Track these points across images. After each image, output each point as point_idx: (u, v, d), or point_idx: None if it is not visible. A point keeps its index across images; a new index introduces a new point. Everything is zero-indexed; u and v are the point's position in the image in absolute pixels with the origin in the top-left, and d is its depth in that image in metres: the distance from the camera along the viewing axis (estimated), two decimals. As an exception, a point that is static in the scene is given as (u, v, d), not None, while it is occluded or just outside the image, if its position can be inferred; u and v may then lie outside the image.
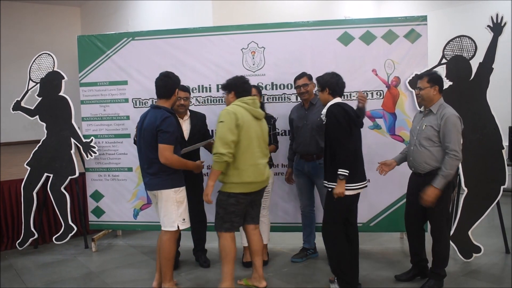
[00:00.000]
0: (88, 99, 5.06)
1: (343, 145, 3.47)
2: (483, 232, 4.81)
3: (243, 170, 3.50)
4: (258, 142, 3.60)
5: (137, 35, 4.92)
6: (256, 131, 3.58)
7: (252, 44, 4.70)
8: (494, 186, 4.31)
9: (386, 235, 5.08)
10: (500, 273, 4.15)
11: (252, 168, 3.53)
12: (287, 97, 4.68)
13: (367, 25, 4.58)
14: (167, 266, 3.66)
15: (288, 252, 4.70)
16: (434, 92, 3.60)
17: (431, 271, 3.78)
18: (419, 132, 3.64)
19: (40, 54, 5.14)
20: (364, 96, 3.87)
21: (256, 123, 3.61)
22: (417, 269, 3.92)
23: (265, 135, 3.71)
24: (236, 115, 3.46)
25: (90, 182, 5.16)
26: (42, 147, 5.05)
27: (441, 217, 3.65)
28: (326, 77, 3.66)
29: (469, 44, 4.38)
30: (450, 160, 3.46)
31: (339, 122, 3.48)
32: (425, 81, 3.62)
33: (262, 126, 3.69)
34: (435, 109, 3.60)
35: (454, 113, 3.53)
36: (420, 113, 3.80)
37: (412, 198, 3.77)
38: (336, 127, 3.49)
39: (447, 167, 3.47)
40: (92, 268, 4.53)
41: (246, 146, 3.50)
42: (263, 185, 3.70)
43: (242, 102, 3.59)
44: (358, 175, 3.59)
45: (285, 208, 4.79)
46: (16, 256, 4.92)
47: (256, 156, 3.56)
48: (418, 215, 3.77)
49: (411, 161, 3.74)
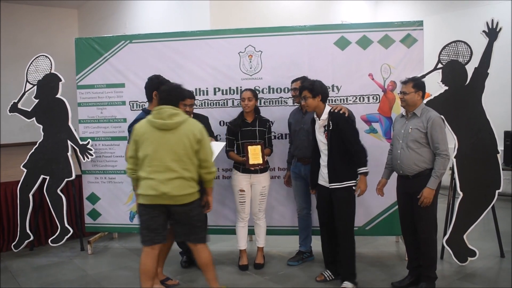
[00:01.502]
0: (85, 102, 5.06)
1: (359, 144, 3.79)
2: (478, 236, 4.83)
3: (140, 182, 3.32)
4: (160, 155, 3.23)
5: (134, 38, 4.93)
6: (160, 143, 3.24)
7: (249, 48, 4.71)
8: (489, 190, 4.33)
9: (382, 238, 5.10)
10: (495, 277, 4.18)
11: (144, 182, 3.27)
12: (284, 100, 4.70)
13: (363, 29, 4.61)
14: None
15: (284, 256, 4.71)
16: (418, 97, 3.73)
17: (421, 274, 3.82)
18: (405, 136, 3.72)
19: (37, 56, 5.13)
20: (342, 107, 3.94)
21: (160, 134, 3.26)
22: (414, 276, 3.90)
23: (177, 147, 3.24)
24: (136, 130, 3.33)
25: (87, 184, 5.15)
26: (39, 149, 5.05)
27: (428, 219, 3.72)
28: (317, 84, 3.85)
29: (465, 49, 4.41)
30: (442, 160, 3.59)
31: (354, 123, 3.90)
32: (410, 86, 3.72)
33: (172, 138, 3.25)
34: (418, 112, 3.72)
35: (437, 115, 3.69)
36: (402, 117, 3.88)
37: (403, 203, 3.86)
38: (352, 128, 3.85)
39: (439, 167, 3.60)
40: (88, 271, 4.52)
41: (142, 160, 3.28)
42: (168, 200, 3.25)
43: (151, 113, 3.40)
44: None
45: (281, 211, 4.80)
46: (12, 258, 4.91)
47: (149, 170, 3.24)
48: (411, 219, 3.81)
49: (398, 164, 3.79)
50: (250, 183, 4.32)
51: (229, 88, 4.76)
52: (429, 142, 3.64)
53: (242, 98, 4.26)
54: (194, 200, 3.34)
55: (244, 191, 4.30)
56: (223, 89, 4.77)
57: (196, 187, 3.34)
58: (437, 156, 3.61)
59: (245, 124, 4.31)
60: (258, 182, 4.32)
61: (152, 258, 3.36)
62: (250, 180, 4.32)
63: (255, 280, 4.19)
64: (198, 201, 3.38)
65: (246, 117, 4.32)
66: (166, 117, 3.26)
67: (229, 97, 4.77)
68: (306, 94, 3.84)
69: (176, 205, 3.28)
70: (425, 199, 3.61)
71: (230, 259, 4.66)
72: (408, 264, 3.98)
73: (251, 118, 4.32)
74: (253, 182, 4.32)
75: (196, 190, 3.34)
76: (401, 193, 3.89)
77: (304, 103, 3.90)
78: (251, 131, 4.29)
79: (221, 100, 4.77)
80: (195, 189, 3.33)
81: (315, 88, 3.82)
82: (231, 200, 4.76)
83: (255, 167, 4.17)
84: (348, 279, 3.90)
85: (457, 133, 4.35)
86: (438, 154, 3.60)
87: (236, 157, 4.31)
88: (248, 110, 4.26)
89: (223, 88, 4.78)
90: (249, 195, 4.33)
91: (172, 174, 3.23)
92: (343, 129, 3.77)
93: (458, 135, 4.35)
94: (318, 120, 3.91)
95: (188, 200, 3.30)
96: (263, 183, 4.34)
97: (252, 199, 4.35)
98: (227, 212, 4.80)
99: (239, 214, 4.37)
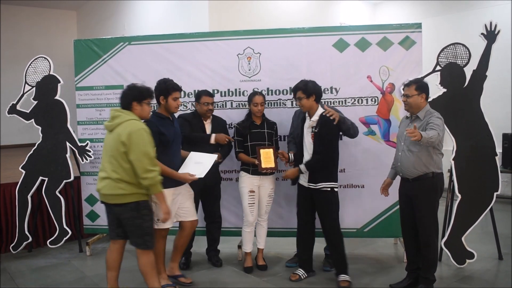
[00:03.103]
0: (84, 103, 5.06)
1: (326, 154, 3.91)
2: (476, 238, 4.83)
3: None
4: (103, 154, 3.45)
5: (133, 40, 4.93)
6: (104, 143, 3.47)
7: (248, 50, 4.72)
8: (488, 192, 4.34)
9: (380, 240, 5.10)
10: (493, 279, 4.18)
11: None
12: (283, 102, 4.70)
13: (362, 32, 4.61)
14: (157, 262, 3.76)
15: (282, 257, 4.71)
16: (421, 100, 3.69)
17: (420, 276, 3.82)
18: (406, 138, 3.67)
19: (36, 57, 5.14)
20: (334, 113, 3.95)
21: (107, 135, 3.46)
22: (412, 278, 3.91)
23: (110, 148, 3.35)
24: None
25: (85, 186, 5.15)
26: (37, 150, 5.05)
27: (430, 221, 3.71)
28: (310, 84, 3.92)
29: (463, 51, 4.42)
30: (435, 132, 3.40)
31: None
32: (412, 88, 3.69)
33: (109, 139, 3.39)
34: (422, 115, 3.68)
35: (441, 117, 3.64)
36: (407, 118, 3.87)
37: (404, 205, 3.87)
38: (332, 135, 3.93)
39: (430, 134, 3.38)
40: (86, 272, 4.52)
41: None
42: (103, 198, 3.42)
43: None
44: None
45: (280, 213, 4.79)
46: (10, 260, 4.90)
47: (100, 168, 3.45)
48: (411, 222, 3.81)
49: (399, 166, 3.79)
50: (258, 185, 4.32)
51: (228, 90, 4.77)
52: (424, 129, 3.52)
53: (254, 103, 4.24)
54: (127, 203, 3.31)
55: (254, 192, 4.30)
56: (222, 91, 4.78)
57: (127, 189, 3.30)
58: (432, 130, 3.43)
59: (254, 126, 4.32)
60: (267, 184, 4.33)
61: (112, 251, 3.57)
62: (259, 182, 4.32)
63: (254, 281, 4.19)
64: (132, 204, 3.32)
65: (254, 120, 4.33)
66: (109, 119, 3.42)
67: (227, 99, 4.77)
68: (300, 94, 3.91)
69: (112, 205, 3.38)
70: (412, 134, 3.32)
71: (228, 261, 4.66)
72: (407, 266, 3.99)
73: (259, 121, 4.35)
74: (261, 184, 4.33)
75: (127, 193, 3.30)
76: (402, 194, 3.88)
77: (298, 104, 3.98)
78: (260, 133, 4.31)
79: (220, 102, 4.77)
80: (125, 191, 3.30)
81: (308, 88, 3.88)
82: (228, 202, 4.77)
83: (268, 171, 4.18)
84: (343, 273, 4.00)
85: (456, 136, 4.36)
86: (432, 126, 3.45)
87: (247, 158, 4.29)
88: (259, 114, 4.29)
89: (221, 90, 4.78)
90: (258, 197, 4.34)
91: (103, 174, 3.38)
92: (323, 132, 3.87)
93: (456, 138, 4.36)
94: (308, 120, 3.97)
95: (118, 201, 3.32)
96: (271, 185, 4.36)
97: (260, 201, 4.35)
98: (225, 213, 4.78)
99: (247, 218, 4.34)
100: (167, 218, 3.51)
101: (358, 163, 4.62)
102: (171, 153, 3.82)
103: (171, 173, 3.74)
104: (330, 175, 3.94)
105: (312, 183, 3.95)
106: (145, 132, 3.32)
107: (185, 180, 3.82)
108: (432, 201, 3.70)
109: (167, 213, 3.48)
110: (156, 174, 3.31)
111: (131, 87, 3.50)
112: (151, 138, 3.37)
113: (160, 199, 3.44)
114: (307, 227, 4.15)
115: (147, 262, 3.45)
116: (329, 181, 3.92)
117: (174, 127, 3.90)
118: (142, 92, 3.48)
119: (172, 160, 3.81)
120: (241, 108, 4.69)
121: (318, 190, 3.93)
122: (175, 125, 3.94)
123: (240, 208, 4.45)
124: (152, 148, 3.35)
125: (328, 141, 3.89)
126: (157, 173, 3.32)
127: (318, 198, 3.96)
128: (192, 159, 3.94)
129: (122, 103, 3.47)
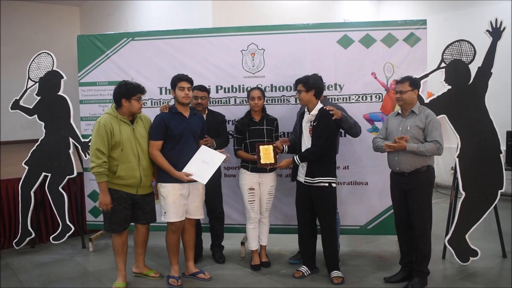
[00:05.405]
0: (87, 99, 5.05)
1: (322, 147, 3.86)
2: (480, 236, 4.81)
3: None
4: None
5: (136, 36, 4.92)
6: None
7: (252, 46, 4.70)
8: (492, 190, 4.32)
9: (383, 237, 5.08)
10: (497, 277, 4.17)
11: None
12: (286, 99, 4.69)
13: (366, 28, 4.59)
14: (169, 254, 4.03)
15: (285, 254, 4.70)
16: (415, 96, 3.80)
17: (414, 269, 3.85)
18: (403, 133, 3.74)
19: (39, 53, 5.13)
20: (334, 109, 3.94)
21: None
22: (406, 272, 3.95)
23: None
24: None
25: (88, 182, 5.15)
26: (41, 146, 5.05)
27: (423, 214, 3.76)
28: (312, 79, 3.92)
29: (468, 48, 4.39)
30: (435, 146, 3.64)
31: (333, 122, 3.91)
32: (407, 84, 3.77)
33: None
34: (417, 110, 3.78)
35: (434, 114, 3.78)
36: (397, 115, 3.90)
37: (397, 201, 3.92)
38: (330, 129, 3.89)
39: (426, 147, 3.63)
40: (89, 268, 4.52)
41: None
42: None
43: None
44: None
45: (283, 210, 4.79)
46: (13, 256, 4.91)
47: None
48: (404, 216, 3.86)
49: (396, 161, 3.80)
50: (258, 182, 4.31)
51: (232, 86, 4.76)
52: (425, 136, 3.69)
53: (251, 97, 4.22)
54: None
55: (254, 189, 4.28)
56: (226, 87, 4.77)
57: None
58: (432, 143, 3.63)
59: (253, 123, 4.29)
60: (267, 181, 4.31)
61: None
62: (259, 179, 4.30)
63: (257, 278, 4.18)
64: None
65: (253, 116, 4.30)
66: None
67: (231, 95, 4.76)
68: (300, 87, 3.93)
69: None
70: (397, 145, 3.65)
71: (232, 257, 4.66)
72: (400, 260, 4.03)
73: (259, 117, 4.31)
74: (261, 181, 4.31)
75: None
76: (395, 190, 3.93)
77: (298, 96, 4.00)
78: (259, 130, 4.28)
79: (224, 98, 4.76)
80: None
81: (309, 82, 3.90)
82: (231, 198, 4.77)
83: (267, 167, 4.17)
84: (336, 269, 4.04)
85: (460, 133, 4.34)
86: (434, 142, 3.63)
87: (246, 155, 4.28)
88: (257, 109, 4.25)
89: (225, 86, 4.77)
90: (258, 194, 4.32)
91: None
92: (321, 126, 3.86)
93: (461, 135, 4.34)
94: (307, 114, 3.97)
95: None
96: (271, 183, 4.34)
97: (260, 198, 4.34)
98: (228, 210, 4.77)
99: (249, 214, 4.34)
100: (103, 208, 3.74)
101: (362, 161, 4.62)
102: (178, 149, 3.85)
103: (169, 170, 3.81)
104: (327, 170, 3.93)
105: (309, 177, 3.94)
106: (98, 125, 3.68)
107: (181, 179, 3.84)
108: (428, 193, 3.80)
109: (103, 204, 3.70)
110: (94, 165, 3.63)
111: (121, 84, 3.75)
112: (103, 131, 3.63)
113: (100, 189, 3.72)
114: (307, 225, 4.13)
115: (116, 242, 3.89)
116: (326, 176, 3.91)
117: (187, 123, 3.90)
118: (129, 90, 3.71)
119: (179, 157, 3.84)
120: (244, 104, 4.66)
121: (315, 186, 3.92)
122: (191, 122, 3.93)
123: (243, 205, 4.44)
124: (99, 140, 3.63)
125: (325, 134, 3.86)
126: (95, 164, 3.62)
127: (315, 193, 3.95)
128: (200, 155, 3.90)
129: (113, 100, 3.77)
